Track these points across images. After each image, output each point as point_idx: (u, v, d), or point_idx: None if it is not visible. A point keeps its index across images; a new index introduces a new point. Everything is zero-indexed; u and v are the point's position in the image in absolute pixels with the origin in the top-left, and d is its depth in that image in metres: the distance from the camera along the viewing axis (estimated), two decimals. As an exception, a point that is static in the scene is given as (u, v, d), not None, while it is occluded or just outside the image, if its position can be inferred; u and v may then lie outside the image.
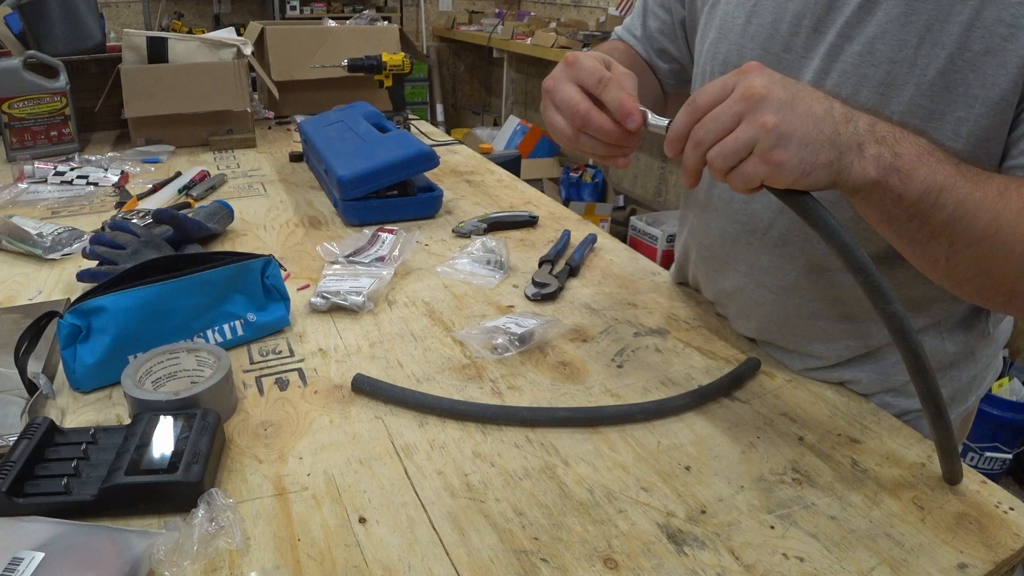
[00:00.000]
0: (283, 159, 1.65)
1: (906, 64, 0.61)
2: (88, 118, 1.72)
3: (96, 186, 1.40)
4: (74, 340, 0.73)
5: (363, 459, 0.66)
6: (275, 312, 0.86)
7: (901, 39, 0.61)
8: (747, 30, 0.72)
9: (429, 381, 0.78)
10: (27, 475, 0.58)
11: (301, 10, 4.93)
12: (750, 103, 0.51)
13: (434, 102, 5.55)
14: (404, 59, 1.78)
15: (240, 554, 0.55)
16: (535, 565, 0.55)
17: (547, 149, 4.49)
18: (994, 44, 0.57)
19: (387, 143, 1.28)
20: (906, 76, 0.61)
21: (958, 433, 0.85)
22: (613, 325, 0.91)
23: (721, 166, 0.52)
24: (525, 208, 1.33)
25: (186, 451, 0.60)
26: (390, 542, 0.57)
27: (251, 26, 2.05)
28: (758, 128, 0.50)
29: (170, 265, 0.81)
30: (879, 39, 0.62)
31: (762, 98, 0.51)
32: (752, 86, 0.51)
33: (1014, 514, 0.60)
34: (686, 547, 0.56)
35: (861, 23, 0.63)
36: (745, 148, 0.51)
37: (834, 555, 0.56)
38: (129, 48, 1.65)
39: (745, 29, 0.72)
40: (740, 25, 0.73)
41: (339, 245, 1.08)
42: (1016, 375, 2.17)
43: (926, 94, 0.60)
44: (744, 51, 0.72)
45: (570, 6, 4.96)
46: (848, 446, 0.68)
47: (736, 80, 0.53)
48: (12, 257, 1.08)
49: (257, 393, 0.75)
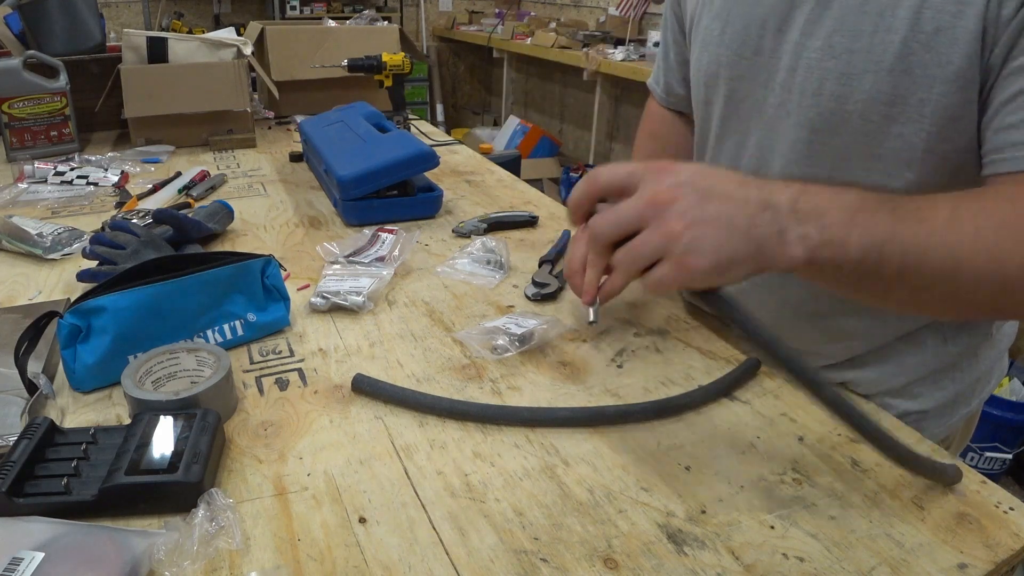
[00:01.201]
0: (283, 159, 1.65)
1: (863, 53, 0.62)
2: (88, 118, 1.72)
3: (96, 186, 1.40)
4: (74, 340, 0.73)
5: (363, 459, 0.66)
6: (275, 312, 0.86)
7: (857, 29, 0.62)
8: (723, 39, 0.74)
9: (429, 381, 0.78)
10: (27, 475, 0.58)
11: (301, 10, 4.93)
12: (656, 209, 0.50)
13: (434, 102, 5.55)
14: (404, 59, 1.78)
15: (240, 554, 0.55)
16: (535, 565, 0.55)
17: (547, 149, 4.49)
18: (944, 22, 0.57)
19: (387, 143, 1.28)
20: (864, 64, 0.62)
21: (961, 436, 0.85)
22: (613, 325, 0.91)
23: (629, 269, 0.51)
24: (525, 208, 1.33)
25: (186, 451, 0.60)
26: (390, 542, 0.57)
27: (251, 26, 2.05)
28: (666, 236, 0.49)
29: (170, 265, 0.81)
30: (836, 32, 0.63)
31: (668, 203, 0.49)
32: (658, 191, 0.50)
33: (1014, 514, 0.60)
34: (686, 547, 0.56)
35: (820, 19, 0.64)
36: (654, 255, 0.50)
37: (834, 555, 0.56)
38: (129, 48, 1.65)
39: (721, 39, 0.74)
40: (716, 36, 0.75)
41: (339, 245, 1.08)
42: (1016, 375, 2.17)
43: (886, 80, 0.61)
44: (721, 59, 0.74)
45: (570, 6, 4.97)
46: (848, 446, 0.68)
47: (642, 176, 0.52)
48: (12, 257, 1.08)
49: (257, 393, 0.75)
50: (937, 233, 0.51)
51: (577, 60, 3.75)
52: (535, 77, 5.27)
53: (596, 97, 3.97)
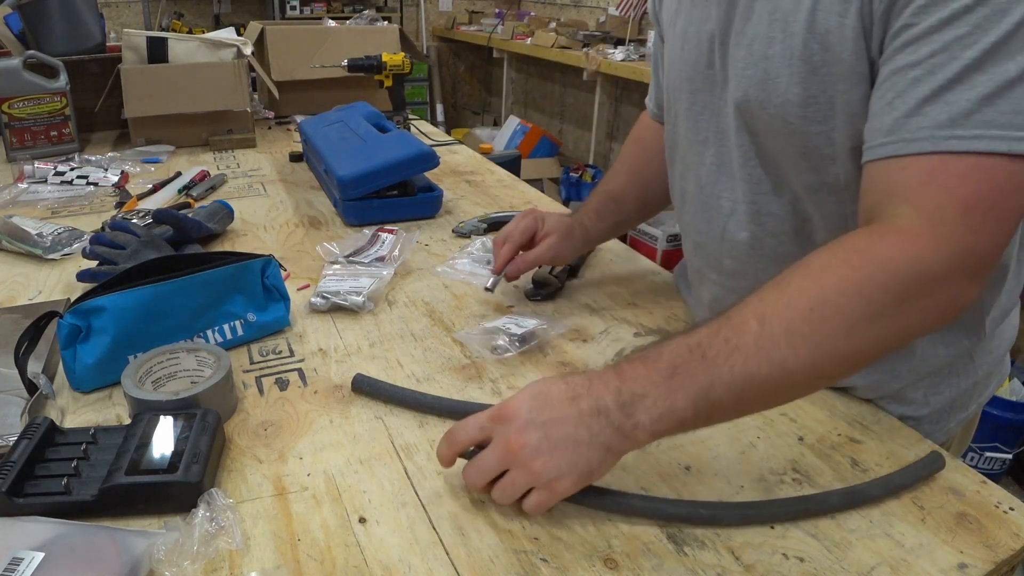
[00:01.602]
0: (283, 159, 1.65)
1: (776, 58, 0.66)
2: (88, 118, 1.72)
3: (96, 186, 1.40)
4: (74, 340, 0.73)
5: (363, 459, 0.66)
6: (275, 312, 0.86)
7: (769, 37, 0.66)
8: (683, 55, 0.79)
9: (429, 381, 0.78)
10: (27, 475, 0.58)
11: (301, 10, 4.93)
12: (513, 457, 0.56)
13: (434, 102, 5.55)
14: (404, 59, 1.78)
15: (240, 554, 0.55)
16: (535, 565, 0.55)
17: (547, 149, 4.49)
18: (833, 22, 0.61)
19: (387, 143, 1.28)
20: (778, 69, 0.66)
21: (960, 441, 0.84)
22: (613, 325, 0.91)
23: (507, 500, 0.57)
24: (525, 208, 1.32)
25: (186, 451, 0.60)
26: (390, 542, 0.57)
27: (251, 26, 2.05)
28: (529, 475, 0.55)
29: (170, 265, 0.81)
30: (755, 41, 0.67)
31: (521, 447, 0.55)
32: (509, 440, 0.56)
33: (1014, 514, 0.60)
34: (686, 547, 0.56)
35: (743, 30, 0.69)
36: (525, 487, 0.56)
37: (834, 555, 0.56)
38: (129, 48, 1.65)
39: (682, 55, 0.79)
40: (678, 52, 0.80)
41: (339, 245, 1.08)
42: (1016, 375, 2.16)
43: (797, 82, 0.65)
44: (682, 75, 0.79)
45: (570, 6, 4.96)
46: (848, 446, 0.68)
47: (492, 429, 0.58)
48: (12, 257, 1.08)
49: (257, 393, 0.75)
50: (751, 355, 0.54)
51: (577, 60, 3.75)
52: (535, 77, 5.26)
53: (596, 97, 3.97)
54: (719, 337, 0.56)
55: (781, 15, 0.65)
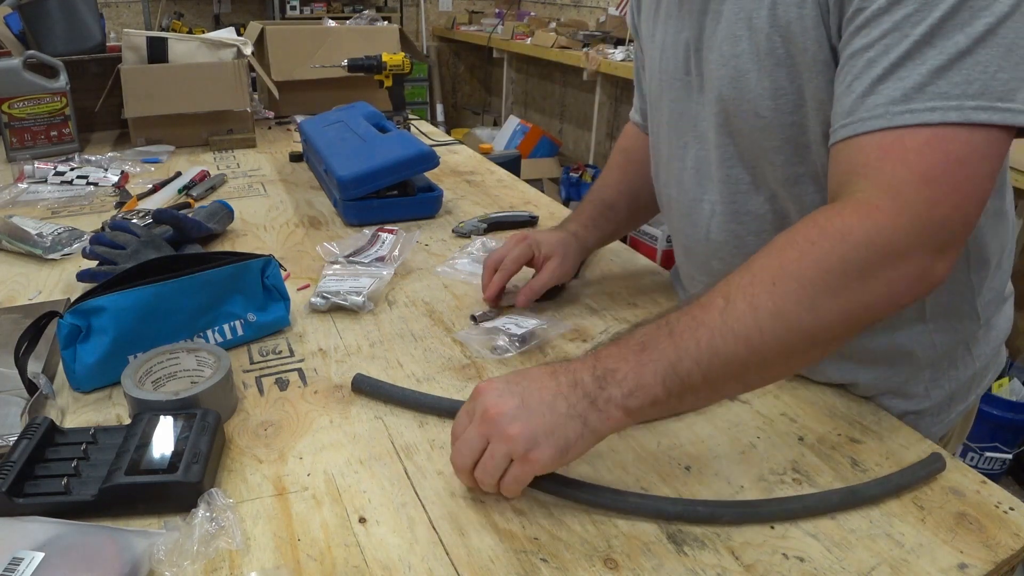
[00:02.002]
0: (283, 159, 1.65)
1: (744, 56, 0.67)
2: (88, 118, 1.72)
3: (96, 186, 1.40)
4: (74, 340, 0.73)
5: (363, 459, 0.66)
6: (275, 312, 0.86)
7: (735, 35, 0.67)
8: (662, 64, 0.81)
9: (429, 381, 0.78)
10: (27, 475, 0.58)
11: (301, 10, 4.93)
12: (491, 424, 0.56)
13: (434, 102, 5.55)
14: (404, 59, 1.78)
15: (240, 554, 0.55)
16: (535, 565, 0.55)
17: (547, 149, 4.49)
18: (793, 14, 0.62)
19: (387, 143, 1.28)
20: (746, 65, 0.67)
21: (959, 432, 0.85)
22: (613, 325, 0.91)
23: (491, 482, 0.57)
24: (525, 208, 1.33)
25: (186, 451, 0.60)
26: (390, 542, 0.57)
27: (251, 26, 2.05)
28: (506, 441, 0.55)
29: (170, 265, 0.81)
30: (724, 42, 0.69)
31: (498, 415, 0.56)
32: (486, 408, 0.57)
33: (1014, 514, 0.60)
34: (686, 547, 0.56)
35: (714, 33, 0.70)
36: (504, 460, 0.56)
37: (834, 555, 0.56)
38: (129, 48, 1.65)
39: (660, 64, 0.81)
40: (657, 61, 0.82)
41: (339, 245, 1.08)
42: (1016, 375, 2.16)
43: (766, 75, 0.66)
44: (663, 83, 0.81)
45: (570, 6, 4.97)
46: (848, 446, 0.68)
47: (472, 407, 0.59)
48: (12, 257, 1.08)
49: (257, 393, 0.75)
50: (716, 329, 0.55)
51: (577, 60, 3.75)
52: (535, 77, 5.26)
53: (596, 97, 3.97)
54: (687, 315, 0.57)
55: (745, 13, 0.66)
